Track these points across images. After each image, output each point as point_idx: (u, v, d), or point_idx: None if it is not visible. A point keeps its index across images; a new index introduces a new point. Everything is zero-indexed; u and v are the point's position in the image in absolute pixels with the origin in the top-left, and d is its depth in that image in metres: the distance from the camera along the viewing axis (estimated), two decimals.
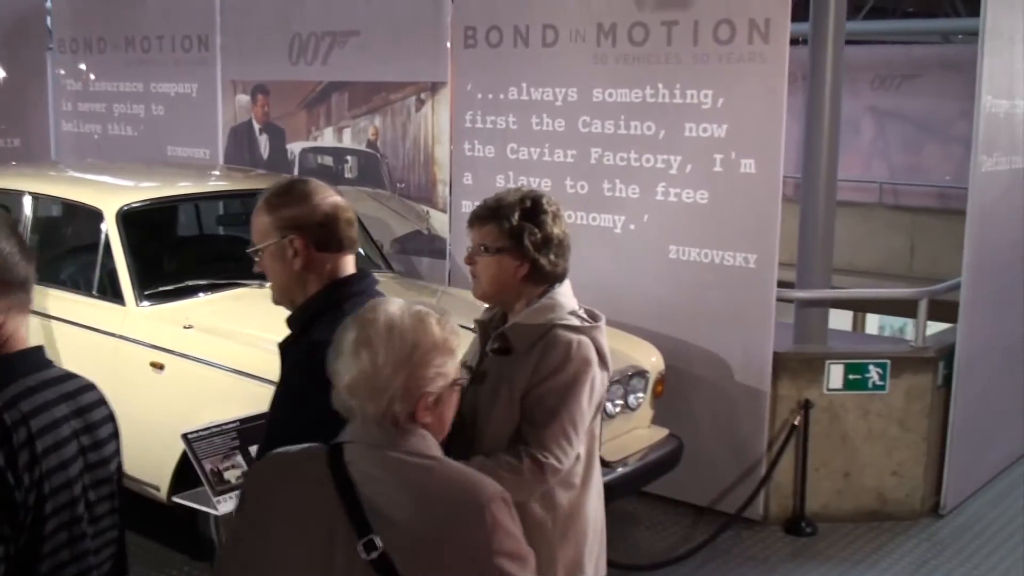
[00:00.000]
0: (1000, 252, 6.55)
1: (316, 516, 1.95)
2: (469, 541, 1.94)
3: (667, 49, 5.96)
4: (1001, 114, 6.36)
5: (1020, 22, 6.45)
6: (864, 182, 14.92)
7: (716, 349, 6.00)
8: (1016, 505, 6.55)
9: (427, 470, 2.00)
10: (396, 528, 1.92)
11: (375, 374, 2.00)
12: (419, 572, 1.92)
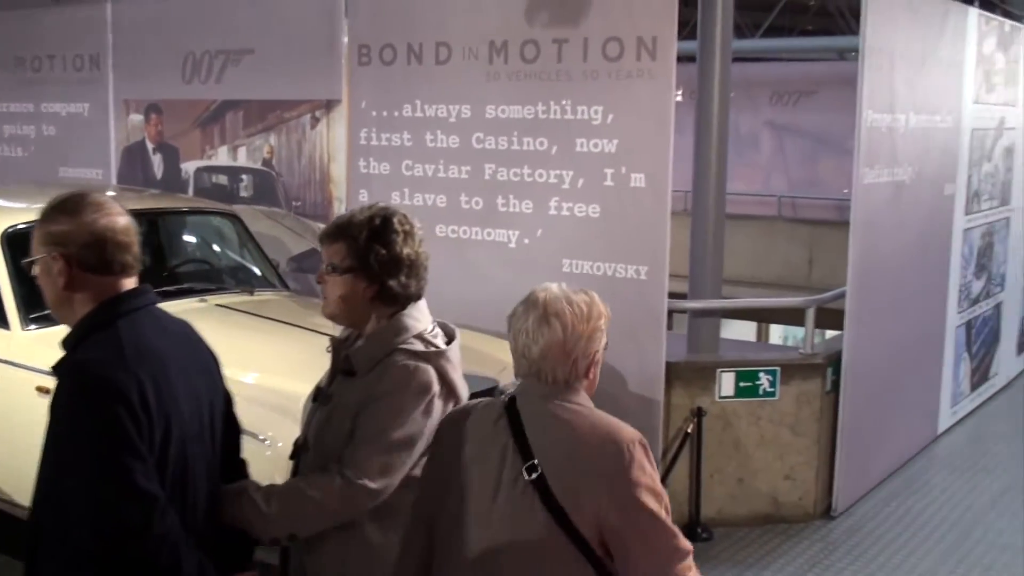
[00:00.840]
0: (883, 261, 6.76)
1: (493, 442, 2.49)
2: (608, 472, 2.39)
3: (558, 66, 6.06)
4: (883, 128, 6.57)
5: (899, 39, 6.68)
6: (764, 196, 15.25)
7: (610, 360, 5.99)
8: (904, 506, 6.74)
9: (580, 415, 2.48)
10: (551, 457, 2.41)
11: (565, 340, 2.47)
12: (568, 493, 2.38)
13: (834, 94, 14.27)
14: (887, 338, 6.90)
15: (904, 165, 6.89)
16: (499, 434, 2.50)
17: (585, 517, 2.38)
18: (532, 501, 2.40)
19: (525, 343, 2.52)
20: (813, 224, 14.53)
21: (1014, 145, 9.15)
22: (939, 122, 7.41)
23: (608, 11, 5.89)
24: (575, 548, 2.38)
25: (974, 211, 8.31)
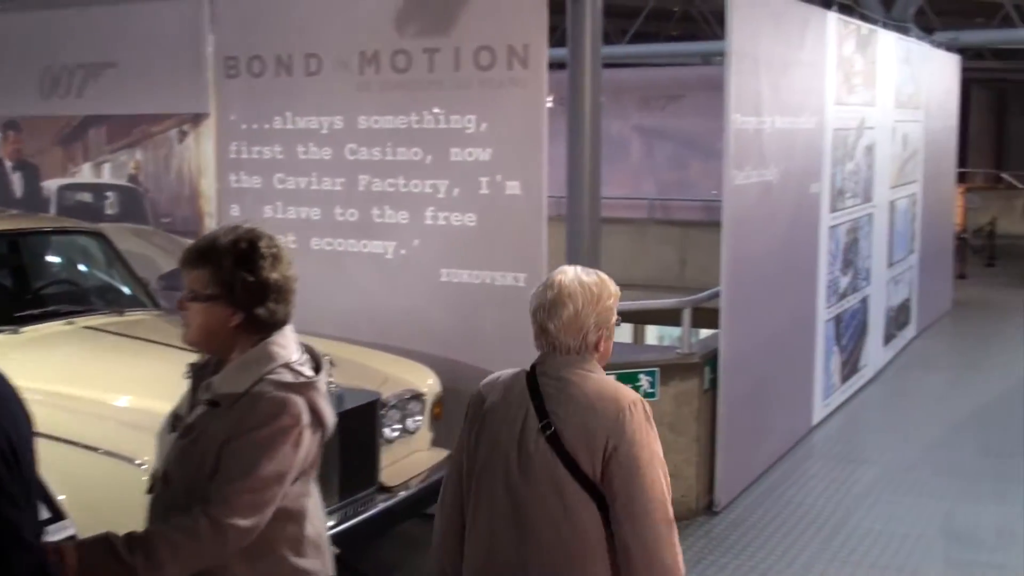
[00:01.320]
0: (754, 259, 6.91)
1: (520, 405, 2.93)
2: (608, 427, 2.81)
3: (430, 75, 6.04)
4: (750, 130, 6.72)
5: (763, 43, 6.85)
6: (635, 199, 15.48)
7: (493, 368, 5.99)
8: (784, 497, 6.91)
9: (589, 380, 2.90)
10: (563, 416, 2.85)
11: (577, 318, 2.88)
12: (577, 445, 2.83)
13: (701, 98, 14.59)
14: (761, 335, 7.06)
15: (771, 166, 7.06)
16: (522, 398, 2.95)
17: (590, 462, 2.83)
18: (548, 453, 2.86)
19: (543, 319, 2.95)
20: (684, 225, 14.80)
21: (874, 144, 9.47)
22: (803, 123, 7.62)
23: (479, 20, 5.90)
24: (584, 491, 2.83)
25: (839, 208, 8.57)
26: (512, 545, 2.90)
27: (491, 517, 2.95)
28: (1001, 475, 7.37)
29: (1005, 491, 7.05)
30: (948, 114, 13.13)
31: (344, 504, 4.80)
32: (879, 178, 9.71)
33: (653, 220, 15.32)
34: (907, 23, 13.50)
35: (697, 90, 15.09)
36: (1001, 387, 9.72)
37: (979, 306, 14.17)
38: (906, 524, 6.46)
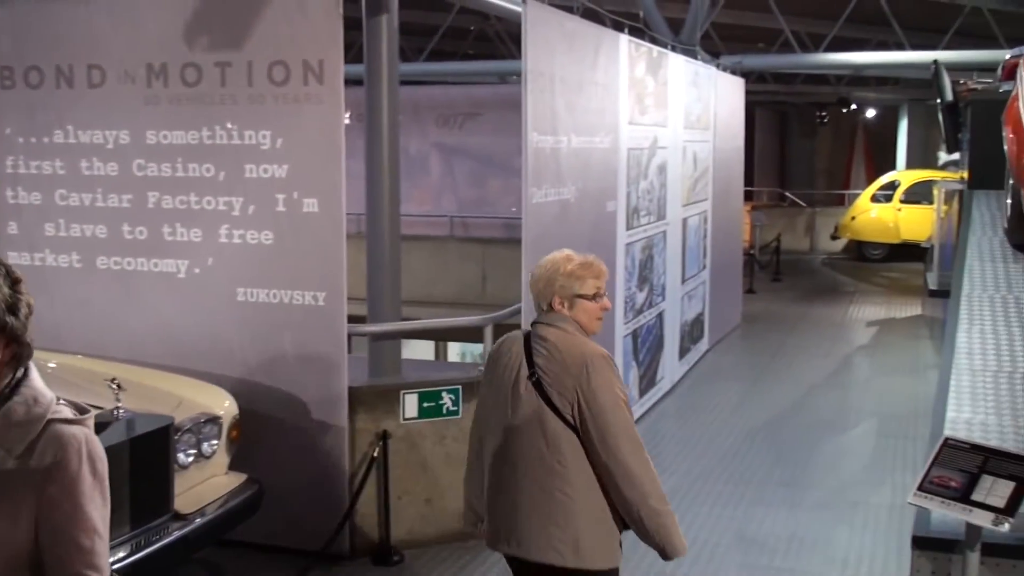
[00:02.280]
0: None
1: (514, 358, 3.76)
2: (575, 380, 3.61)
3: (222, 90, 5.89)
4: (547, 149, 6.82)
5: (558, 64, 6.96)
6: (436, 216, 15.52)
7: (292, 389, 5.98)
8: None
9: (563, 336, 3.70)
10: (542, 366, 3.67)
11: (536, 284, 3.77)
12: (553, 389, 3.64)
13: (498, 116, 14.74)
14: None
15: (568, 184, 7.19)
16: (518, 354, 3.78)
17: (565, 404, 3.64)
18: (533, 395, 3.68)
19: (532, 289, 3.84)
20: (485, 242, 14.92)
21: (666, 163, 9.76)
22: (598, 143, 7.79)
23: (272, 35, 5.79)
24: (562, 423, 3.63)
25: (634, 226, 8.79)
26: (501, 458, 3.75)
27: (486, 434, 3.87)
28: (791, 482, 7.70)
29: (795, 498, 7.36)
30: (735, 135, 13.69)
31: (136, 533, 4.63)
32: (672, 196, 10.02)
33: (454, 237, 15.40)
34: (694, 47, 14.00)
35: (495, 108, 15.26)
36: (790, 397, 10.18)
37: (767, 320, 14.81)
38: (703, 532, 6.65)
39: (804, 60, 19.58)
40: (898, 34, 18.61)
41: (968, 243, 6.93)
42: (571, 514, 3.63)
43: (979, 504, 3.60)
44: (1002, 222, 7.01)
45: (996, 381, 4.96)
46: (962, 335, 5.46)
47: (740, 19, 19.51)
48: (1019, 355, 5.18)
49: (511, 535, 3.73)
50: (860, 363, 12.39)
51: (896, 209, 20.71)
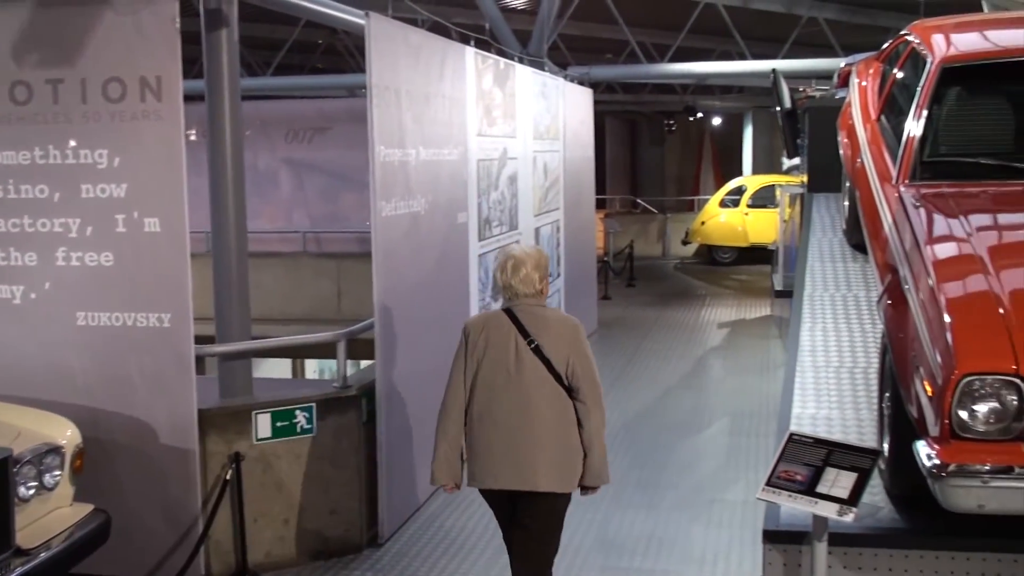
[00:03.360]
0: (407, 289, 6.97)
1: (506, 331, 4.65)
2: (568, 345, 4.64)
3: (54, 108, 5.69)
4: (395, 162, 6.78)
5: (403, 77, 6.93)
6: (288, 232, 15.28)
7: (139, 414, 5.80)
8: (447, 524, 6.99)
9: (547, 312, 4.75)
10: (538, 334, 4.62)
11: (528, 276, 4.67)
12: (550, 352, 4.60)
13: (348, 130, 14.58)
14: (417, 363, 7.12)
15: (418, 197, 7.16)
16: (508, 327, 4.68)
17: (560, 363, 4.64)
18: (535, 360, 4.63)
19: (507, 280, 4.72)
20: (339, 257, 14.77)
21: (517, 174, 9.83)
22: (447, 155, 7.79)
23: (107, 51, 5.63)
24: (557, 382, 4.63)
25: (486, 237, 8.81)
26: (512, 412, 4.62)
27: (490, 395, 4.67)
28: (649, 483, 7.82)
29: (653, 499, 7.48)
30: (585, 144, 13.87)
31: None
32: (523, 206, 10.09)
33: (307, 253, 15.18)
34: (542, 58, 14.15)
35: (344, 122, 15.10)
36: (646, 399, 10.35)
37: (622, 325, 15.05)
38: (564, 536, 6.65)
39: (650, 70, 19.98)
40: (740, 44, 19.15)
41: (809, 244, 7.15)
42: (571, 448, 4.67)
43: (824, 496, 3.70)
44: (840, 223, 7.25)
45: (838, 376, 5.12)
46: (805, 333, 5.63)
47: (587, 31, 19.81)
48: (859, 351, 5.36)
49: (520, 473, 4.62)
50: (713, 364, 12.69)
51: (744, 213, 21.30)
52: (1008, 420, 3.35)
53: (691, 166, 37.74)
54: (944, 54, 4.97)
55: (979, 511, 3.39)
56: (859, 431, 4.57)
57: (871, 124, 5.77)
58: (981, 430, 3.37)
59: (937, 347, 3.49)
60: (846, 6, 19.04)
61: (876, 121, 5.72)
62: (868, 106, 6.08)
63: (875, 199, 5.07)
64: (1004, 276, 3.70)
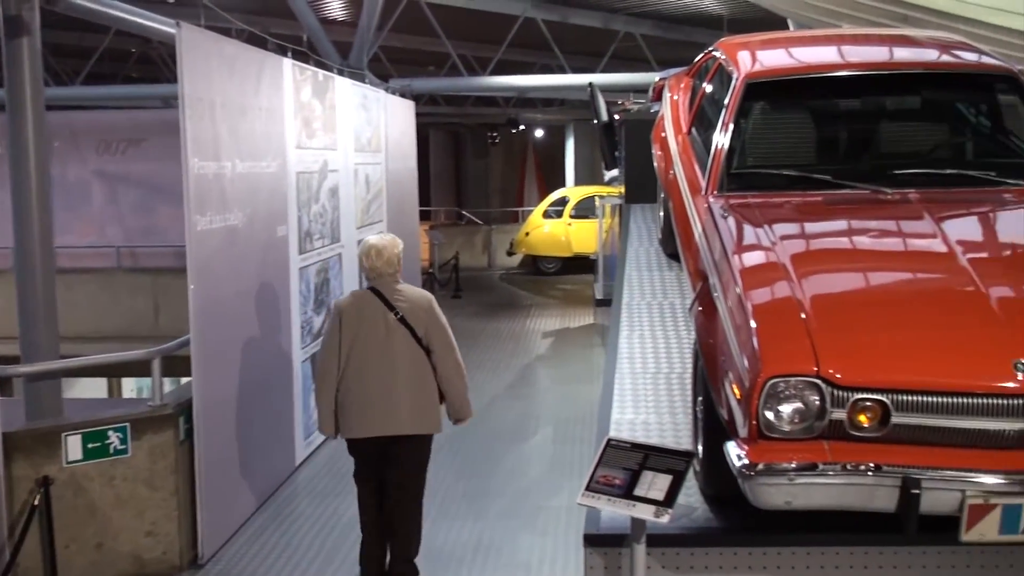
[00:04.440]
0: (225, 304, 6.83)
1: (376, 306, 5.68)
2: (425, 307, 5.73)
3: None
4: (210, 175, 6.63)
5: (218, 88, 6.79)
6: (100, 247, 14.76)
7: None
8: (272, 540, 6.88)
9: (405, 288, 5.77)
10: (404, 308, 5.67)
11: (390, 258, 5.73)
12: (411, 320, 5.67)
13: (163, 142, 14.17)
14: (236, 380, 6.98)
15: (235, 210, 7.02)
16: (375, 302, 5.70)
17: (420, 328, 5.68)
18: (402, 328, 5.66)
19: (372, 262, 5.73)
20: (156, 272, 14.35)
21: (338, 186, 9.74)
22: (265, 167, 7.66)
23: None
24: (418, 344, 5.67)
25: (307, 250, 8.70)
26: (383, 376, 5.66)
27: (364, 365, 5.66)
28: (476, 493, 7.85)
29: (480, 508, 7.51)
30: (407, 156, 13.86)
31: None
32: (345, 219, 10.01)
33: (122, 268, 14.69)
34: (363, 70, 14.09)
35: (159, 134, 14.68)
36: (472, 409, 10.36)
37: None
38: None
39: (472, 83, 20.15)
40: (559, 58, 19.49)
41: (627, 254, 7.32)
42: (429, 398, 5.78)
43: (641, 499, 3.79)
44: (656, 233, 7.44)
45: (655, 382, 5.25)
46: (623, 341, 5.75)
47: (409, 43, 19.84)
48: (675, 356, 5.51)
49: (392, 420, 5.68)
50: (539, 373, 12.84)
51: (567, 224, 21.64)
52: (811, 419, 3.49)
53: (515, 177, 38.17)
54: (749, 70, 5.15)
55: (787, 507, 3.51)
56: (675, 434, 4.69)
57: (682, 137, 5.95)
58: (787, 430, 3.50)
59: (744, 351, 3.62)
60: (660, 22, 19.64)
61: (687, 134, 5.89)
62: (679, 119, 6.27)
63: (686, 209, 5.22)
64: (806, 283, 3.86)
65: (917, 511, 3.41)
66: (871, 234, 4.47)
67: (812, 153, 5.16)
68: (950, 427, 3.44)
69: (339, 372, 5.70)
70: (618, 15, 18.95)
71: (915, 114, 5.39)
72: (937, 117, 5.36)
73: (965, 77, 5.21)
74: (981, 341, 3.54)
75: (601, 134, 10.46)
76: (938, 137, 5.25)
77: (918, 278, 4.09)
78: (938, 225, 4.20)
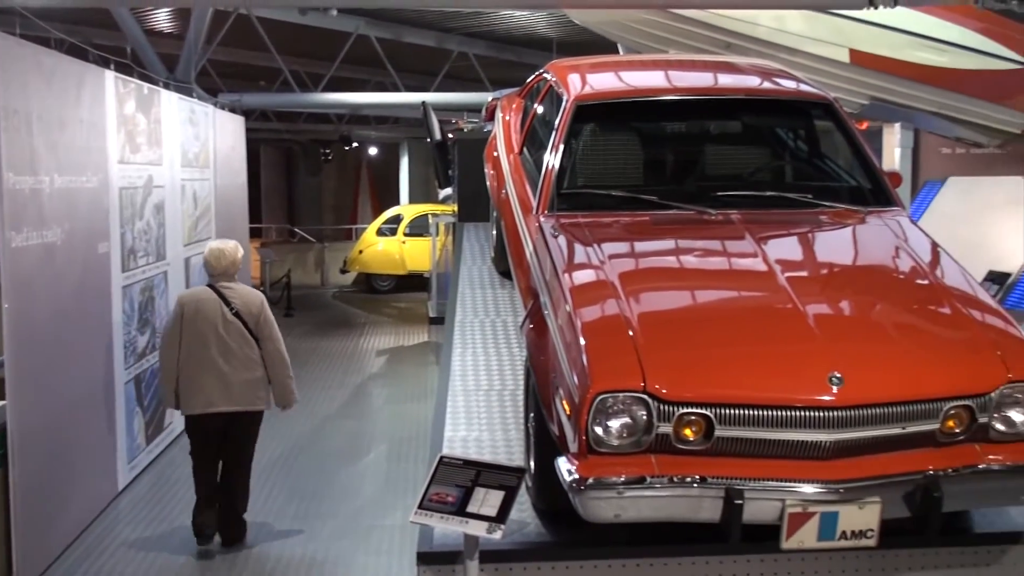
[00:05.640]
0: (42, 324, 6.57)
1: (213, 301, 6.72)
2: (256, 304, 6.80)
3: None
4: (26, 190, 6.37)
5: (36, 100, 6.54)
6: None
7: None
8: (94, 568, 6.65)
9: (240, 287, 6.86)
10: (235, 303, 6.74)
11: (230, 261, 6.81)
12: (244, 314, 6.74)
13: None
14: (55, 402, 6.71)
15: (53, 226, 6.76)
16: (213, 298, 6.68)
17: (251, 321, 6.71)
18: (237, 321, 6.67)
19: (214, 264, 6.72)
20: None
21: (163, 202, 9.47)
22: (85, 182, 7.39)
23: None
24: (250, 336, 6.71)
25: (131, 268, 8.43)
26: (219, 360, 6.63)
27: (203, 351, 6.64)
28: (308, 515, 7.74)
29: (312, 529, 7.41)
30: (237, 172, 13.60)
31: None
32: (171, 236, 9.74)
33: None
34: (191, 84, 13.78)
35: None
36: (303, 430, 10.22)
37: None
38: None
39: (304, 99, 19.92)
40: (393, 76, 19.47)
41: (460, 272, 7.35)
42: (259, 381, 6.79)
43: (474, 515, 3.81)
44: (489, 251, 7.50)
45: (488, 399, 5.29)
46: (456, 358, 5.77)
47: (239, 57, 19.48)
48: (508, 374, 5.56)
49: (227, 397, 6.68)
50: (372, 392, 12.75)
51: (401, 242, 21.59)
52: (639, 434, 3.57)
53: (349, 195, 37.90)
54: (578, 92, 5.25)
55: (616, 520, 3.59)
56: (508, 451, 4.73)
57: (514, 156, 6.02)
58: (615, 444, 3.57)
59: (574, 368, 3.68)
60: (493, 43, 19.83)
61: (518, 154, 5.96)
62: (511, 139, 6.35)
63: (518, 228, 5.28)
64: (634, 301, 3.95)
65: (740, 521, 3.53)
66: (696, 254, 4.61)
67: (640, 174, 5.29)
68: (771, 439, 3.58)
69: (179, 357, 6.70)
70: (452, 35, 19.05)
71: (737, 138, 5.59)
72: (758, 141, 5.58)
73: (784, 104, 5.43)
74: (799, 356, 3.70)
75: (435, 153, 10.48)
76: (759, 160, 5.46)
77: (740, 296, 4.23)
78: (759, 245, 4.36)
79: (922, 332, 3.99)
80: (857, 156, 5.12)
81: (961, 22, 9.83)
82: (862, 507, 3.53)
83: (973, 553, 4.10)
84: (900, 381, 3.64)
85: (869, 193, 4.99)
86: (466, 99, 18.87)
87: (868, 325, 3.98)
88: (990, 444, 3.71)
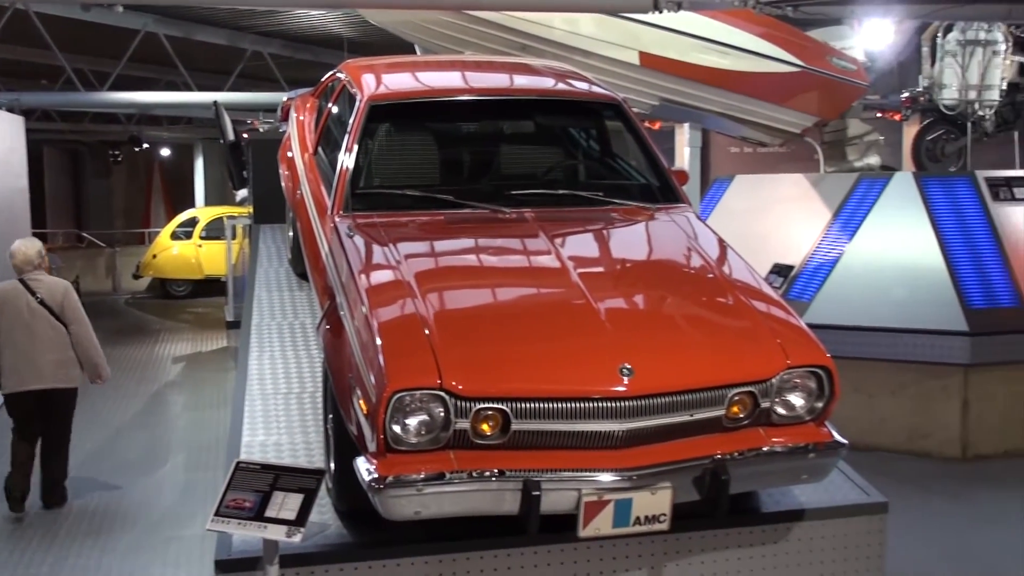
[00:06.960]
0: None
1: (20, 293, 7.45)
2: (60, 292, 7.51)
3: None
4: None
5: None
6: None
7: None
8: None
9: (45, 279, 7.59)
10: (43, 293, 7.47)
11: (29, 256, 7.52)
12: (50, 303, 7.46)
13: None
14: None
15: None
16: (22, 290, 7.40)
17: (56, 306, 7.41)
18: (42, 308, 7.42)
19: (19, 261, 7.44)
20: None
21: None
22: None
23: None
24: (58, 321, 7.44)
25: None
26: (27, 344, 7.33)
27: (13, 334, 7.35)
28: (102, 530, 7.46)
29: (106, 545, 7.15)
30: (17, 175, 12.98)
31: None
32: None
33: None
34: None
35: None
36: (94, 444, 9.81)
37: None
38: None
39: (89, 98, 19.17)
40: (184, 75, 18.95)
41: (256, 275, 7.23)
42: (69, 361, 7.49)
43: (273, 519, 3.76)
44: (286, 253, 7.41)
45: (287, 402, 5.23)
46: (253, 362, 5.68)
47: (17, 54, 18.60)
48: (307, 376, 5.51)
49: (37, 376, 7.40)
50: (169, 400, 12.38)
51: (197, 245, 21.02)
52: (437, 431, 3.61)
53: (141, 198, 36.68)
54: (372, 92, 5.25)
55: (417, 517, 3.61)
56: (308, 454, 4.69)
57: (308, 157, 5.96)
58: (414, 442, 3.60)
59: (371, 368, 3.69)
60: (288, 42, 19.58)
61: (313, 154, 5.91)
62: (305, 139, 6.28)
63: (314, 229, 5.24)
64: (429, 299, 3.99)
65: (538, 512, 3.61)
66: (490, 252, 4.68)
67: (435, 174, 5.33)
68: (565, 431, 3.67)
69: None
70: (245, 33, 18.69)
71: (531, 138, 5.70)
72: (551, 141, 5.70)
73: (576, 104, 5.57)
74: (590, 350, 3.81)
75: (228, 154, 10.27)
76: (552, 160, 5.58)
77: (534, 292, 4.32)
78: (552, 243, 4.46)
79: (707, 323, 4.17)
80: (645, 155, 5.30)
81: (743, 27, 10.25)
82: (654, 493, 3.66)
83: (761, 532, 4.31)
84: (687, 370, 3.80)
85: (657, 191, 5.17)
86: (261, 99, 18.57)
87: (657, 318, 4.13)
88: (773, 428, 3.92)
